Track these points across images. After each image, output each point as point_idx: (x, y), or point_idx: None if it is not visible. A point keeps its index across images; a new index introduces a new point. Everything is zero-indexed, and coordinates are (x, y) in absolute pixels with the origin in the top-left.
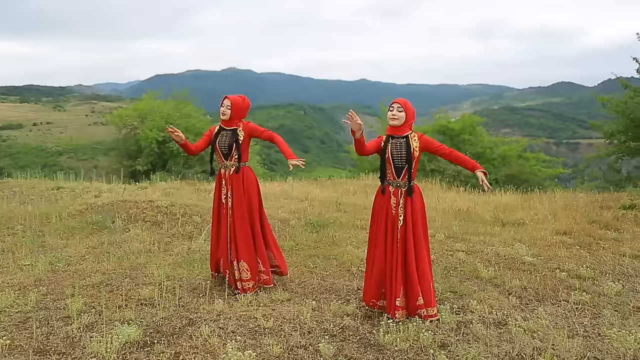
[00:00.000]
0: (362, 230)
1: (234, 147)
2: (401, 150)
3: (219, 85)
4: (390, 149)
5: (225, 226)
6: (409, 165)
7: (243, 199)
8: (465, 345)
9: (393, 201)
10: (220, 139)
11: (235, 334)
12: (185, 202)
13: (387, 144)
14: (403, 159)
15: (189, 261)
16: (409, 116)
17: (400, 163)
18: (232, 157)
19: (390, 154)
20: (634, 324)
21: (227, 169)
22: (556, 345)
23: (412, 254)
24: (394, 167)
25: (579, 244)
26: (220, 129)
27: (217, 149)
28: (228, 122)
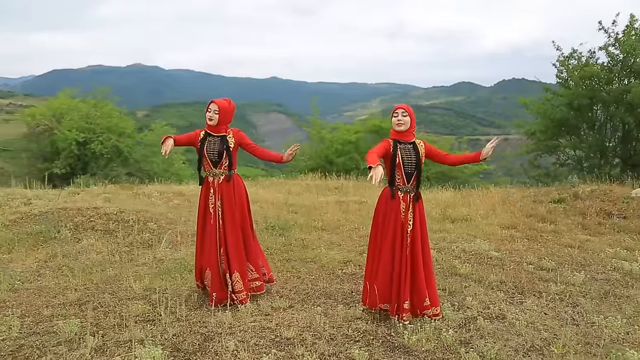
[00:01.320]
0: (324, 232)
1: (225, 155)
2: (411, 156)
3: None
4: (401, 155)
5: (213, 237)
6: (418, 171)
7: (235, 208)
8: (482, 341)
9: (402, 206)
10: (208, 145)
11: (260, 346)
12: (135, 208)
13: (396, 149)
14: (413, 164)
15: (164, 272)
16: (413, 121)
17: (410, 169)
18: (221, 165)
19: (401, 159)
20: (607, 309)
21: (216, 177)
22: (558, 334)
23: (420, 257)
24: (405, 172)
25: (526, 237)
26: (207, 135)
27: (206, 156)
28: (215, 128)
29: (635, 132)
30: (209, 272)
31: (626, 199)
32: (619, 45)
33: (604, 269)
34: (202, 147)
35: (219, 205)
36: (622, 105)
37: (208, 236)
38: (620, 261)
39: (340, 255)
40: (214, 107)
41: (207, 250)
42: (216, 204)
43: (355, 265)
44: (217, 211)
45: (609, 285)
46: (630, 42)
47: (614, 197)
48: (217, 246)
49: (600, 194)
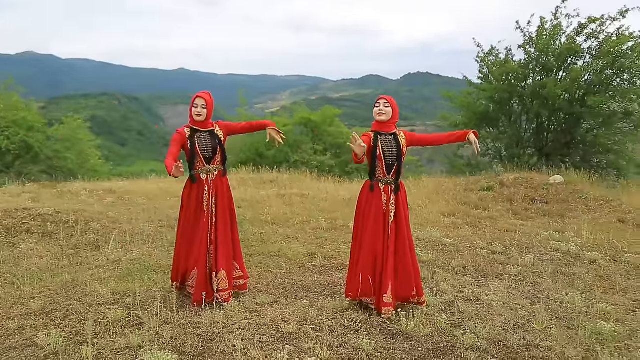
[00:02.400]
0: (276, 226)
1: (218, 150)
2: (392, 148)
3: (14, 71)
4: (382, 146)
5: (205, 235)
6: (398, 162)
7: (226, 204)
8: (471, 322)
9: (384, 198)
10: (199, 142)
11: (267, 343)
12: (72, 208)
13: (377, 141)
14: (394, 156)
15: (126, 274)
16: (395, 113)
17: (391, 160)
18: (215, 161)
19: (382, 151)
20: (562, 286)
21: (210, 173)
22: (532, 312)
23: (405, 249)
24: (385, 164)
25: (467, 224)
26: (194, 131)
27: (199, 153)
28: (203, 123)
29: (547, 124)
30: (196, 272)
31: (546, 185)
32: (533, 44)
33: (546, 250)
34: (193, 145)
35: (213, 202)
36: (538, 99)
37: (199, 235)
38: (556, 242)
39: (304, 248)
40: (200, 101)
41: (196, 251)
42: (210, 201)
43: (323, 258)
44: (211, 208)
45: (555, 265)
46: (544, 41)
47: (535, 184)
48: (208, 244)
49: (523, 181)
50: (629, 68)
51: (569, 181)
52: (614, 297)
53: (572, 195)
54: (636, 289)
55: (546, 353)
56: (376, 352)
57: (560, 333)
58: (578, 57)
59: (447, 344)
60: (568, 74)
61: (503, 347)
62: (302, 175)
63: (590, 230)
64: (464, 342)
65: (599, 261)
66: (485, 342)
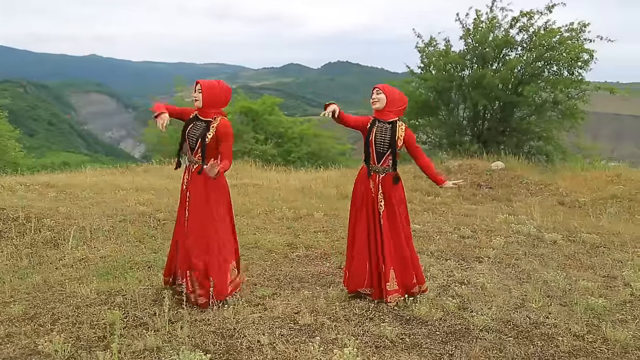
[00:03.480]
0: (238, 216)
1: (198, 143)
2: (385, 136)
3: None
4: (375, 133)
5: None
6: (392, 152)
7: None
8: (475, 304)
9: (372, 185)
10: (190, 128)
11: (290, 336)
12: (16, 204)
13: (373, 127)
14: (386, 144)
15: (103, 272)
16: (390, 100)
17: (382, 148)
18: (196, 153)
19: (374, 137)
20: (538, 267)
21: (191, 164)
22: (523, 292)
23: (400, 239)
24: (376, 151)
25: (425, 210)
26: (195, 117)
27: (186, 139)
28: (202, 111)
29: (484, 113)
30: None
31: (488, 171)
32: (470, 35)
33: (509, 233)
34: (185, 129)
35: (187, 195)
36: (477, 88)
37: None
38: (516, 225)
39: (280, 239)
40: (197, 86)
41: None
42: (185, 193)
43: (304, 248)
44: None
45: (523, 246)
46: (482, 33)
47: (479, 170)
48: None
49: (467, 167)
50: (557, 60)
51: (509, 167)
52: (586, 274)
53: (514, 180)
54: (601, 266)
55: (554, 330)
56: (398, 339)
57: (558, 310)
58: (512, 49)
59: (460, 326)
60: (504, 65)
61: (513, 327)
62: (247, 165)
63: (539, 212)
64: (476, 324)
65: (559, 242)
66: (494, 323)
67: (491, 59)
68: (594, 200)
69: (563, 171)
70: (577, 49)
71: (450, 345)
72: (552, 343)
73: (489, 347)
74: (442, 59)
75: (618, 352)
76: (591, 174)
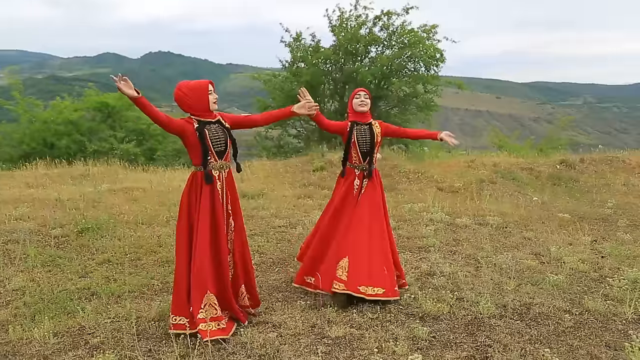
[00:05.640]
0: (150, 226)
1: (229, 143)
2: (366, 136)
3: None
4: (356, 135)
5: (225, 245)
6: (372, 150)
7: (239, 208)
8: (467, 292)
9: (357, 183)
10: (210, 134)
11: (333, 352)
12: None
13: (353, 129)
14: (368, 144)
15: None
16: (371, 104)
17: (365, 148)
18: (227, 156)
19: (356, 139)
20: (478, 250)
21: (222, 170)
22: (488, 275)
23: (385, 235)
24: (360, 152)
25: None
26: (203, 123)
27: (211, 147)
28: (209, 114)
29: None
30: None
31: None
32: (335, 32)
33: (426, 221)
34: (204, 137)
35: (229, 202)
36: (351, 83)
37: (223, 246)
38: (428, 214)
39: None
40: (211, 87)
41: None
42: (226, 202)
43: (253, 254)
44: (229, 211)
45: (447, 233)
46: (352, 30)
47: None
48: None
49: None
50: (416, 57)
51: (385, 157)
52: (518, 254)
53: (393, 170)
54: (522, 245)
55: (545, 308)
56: (431, 337)
57: (533, 290)
58: (377, 46)
59: (471, 317)
60: (373, 61)
61: (512, 311)
62: (113, 166)
63: (433, 199)
64: (483, 313)
65: (471, 225)
66: (497, 309)
67: (360, 55)
68: (466, 185)
69: (429, 159)
70: (431, 48)
71: (478, 336)
72: (553, 320)
73: (509, 332)
74: (317, 54)
75: (604, 320)
76: (451, 161)
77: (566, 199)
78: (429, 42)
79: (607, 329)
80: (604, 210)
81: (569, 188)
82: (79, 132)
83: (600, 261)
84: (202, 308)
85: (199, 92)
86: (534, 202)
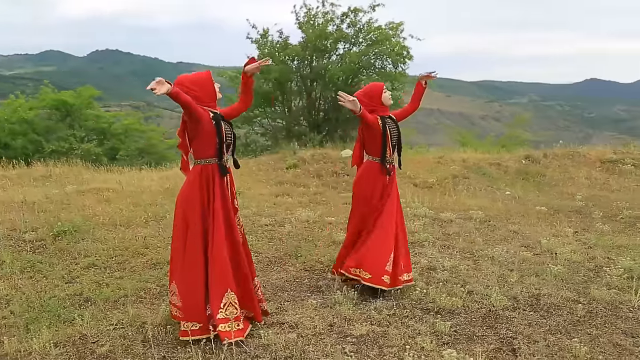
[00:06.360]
0: (129, 228)
1: (234, 136)
2: (395, 129)
3: None
4: (389, 129)
5: (239, 240)
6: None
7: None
8: (475, 285)
9: (388, 179)
10: (221, 127)
11: (362, 351)
12: None
13: (385, 124)
14: (396, 136)
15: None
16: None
17: (395, 141)
18: (230, 149)
19: (390, 133)
20: (472, 244)
21: (228, 163)
22: (490, 269)
23: (403, 226)
24: (392, 145)
25: (311, 202)
26: (216, 116)
27: (225, 138)
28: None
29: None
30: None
31: (341, 159)
32: (302, 28)
33: (410, 216)
34: (220, 129)
35: (234, 198)
36: (320, 79)
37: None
38: (412, 209)
39: None
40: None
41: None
42: (232, 197)
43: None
44: (236, 206)
45: (435, 227)
46: (320, 27)
47: (332, 159)
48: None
49: (320, 157)
50: (383, 55)
51: None
52: (510, 246)
53: None
54: (511, 238)
55: (554, 299)
56: (452, 331)
57: (537, 281)
58: (345, 43)
59: (485, 310)
60: (342, 58)
61: (524, 302)
62: (75, 167)
63: (412, 195)
64: (497, 305)
65: (455, 220)
66: (509, 301)
67: (328, 52)
68: (440, 180)
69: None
70: (397, 45)
71: (498, 329)
72: (565, 311)
73: (527, 324)
74: (286, 51)
75: (613, 309)
76: (419, 157)
77: (536, 192)
78: (395, 40)
79: (618, 317)
80: (575, 203)
81: (537, 182)
82: (35, 131)
83: (590, 251)
84: (222, 308)
85: (204, 83)
86: (507, 196)
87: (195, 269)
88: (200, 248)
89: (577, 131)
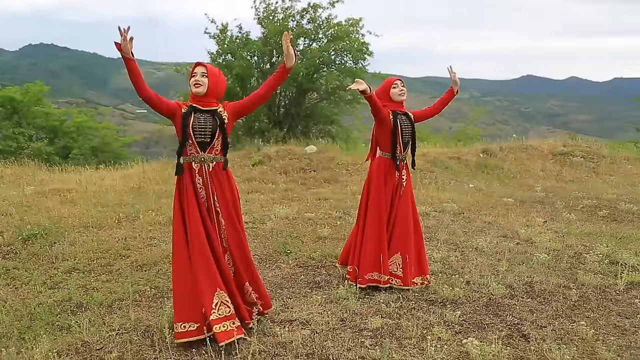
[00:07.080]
0: (101, 229)
1: (218, 135)
2: (408, 126)
3: None
4: (400, 124)
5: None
6: (413, 139)
7: (231, 205)
8: (470, 276)
9: (404, 174)
10: (194, 123)
11: (379, 345)
12: None
13: (396, 118)
14: (409, 134)
15: (27, 325)
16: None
17: (407, 138)
18: (212, 149)
19: (400, 129)
20: (456, 236)
21: (204, 163)
22: (478, 259)
23: (419, 225)
24: (403, 142)
25: (284, 199)
26: (192, 109)
27: (192, 136)
28: (205, 100)
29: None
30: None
31: (306, 155)
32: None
33: None
34: (186, 126)
35: (214, 200)
36: None
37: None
38: None
39: None
40: (200, 69)
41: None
42: (211, 199)
43: None
44: (215, 208)
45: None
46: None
47: (297, 155)
48: (224, 255)
49: (285, 153)
50: (344, 51)
51: (321, 150)
52: (490, 237)
53: (331, 162)
54: (488, 229)
55: (547, 285)
56: (463, 322)
57: (525, 269)
58: (305, 39)
59: (486, 299)
60: (303, 54)
61: (520, 290)
62: (28, 166)
63: None
64: (496, 294)
65: (431, 213)
66: (506, 290)
67: None
68: None
69: (356, 151)
70: (356, 41)
71: (503, 316)
72: (560, 296)
73: (528, 310)
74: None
75: (602, 292)
76: None
77: (497, 184)
78: (354, 36)
79: (608, 300)
80: (537, 193)
81: (497, 175)
82: None
83: (565, 240)
84: (214, 308)
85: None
86: (471, 188)
87: (181, 271)
88: (184, 249)
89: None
